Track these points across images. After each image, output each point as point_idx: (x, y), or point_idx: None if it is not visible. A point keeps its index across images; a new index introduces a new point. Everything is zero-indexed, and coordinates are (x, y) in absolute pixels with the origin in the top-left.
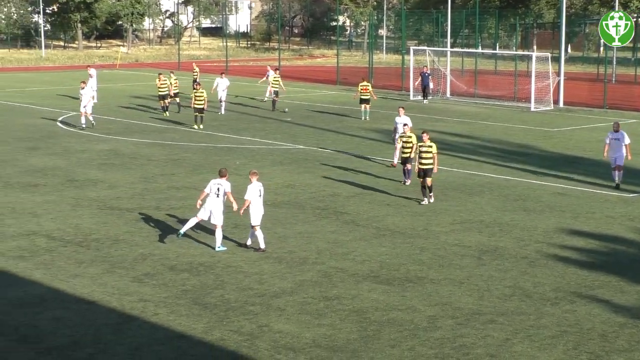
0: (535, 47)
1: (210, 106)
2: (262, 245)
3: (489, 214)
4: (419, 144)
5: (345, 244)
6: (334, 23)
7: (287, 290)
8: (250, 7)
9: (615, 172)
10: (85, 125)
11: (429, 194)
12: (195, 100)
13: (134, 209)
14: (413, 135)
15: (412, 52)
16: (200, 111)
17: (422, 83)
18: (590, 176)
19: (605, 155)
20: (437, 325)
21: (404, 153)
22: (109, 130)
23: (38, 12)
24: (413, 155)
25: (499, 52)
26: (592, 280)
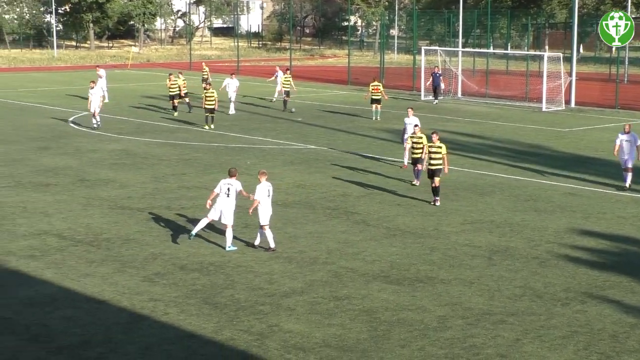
0: (547, 47)
1: (220, 106)
2: (272, 245)
3: (499, 214)
4: (428, 144)
5: (356, 243)
6: (345, 23)
7: (297, 290)
8: (262, 7)
9: (626, 173)
10: (95, 125)
11: (436, 195)
12: (206, 101)
13: (145, 209)
14: (423, 136)
15: (423, 52)
16: (211, 111)
17: (433, 83)
18: (602, 176)
19: (615, 153)
20: (447, 325)
21: (414, 154)
22: (120, 130)
23: (50, 12)
24: (424, 156)
25: (510, 52)
26: (603, 281)
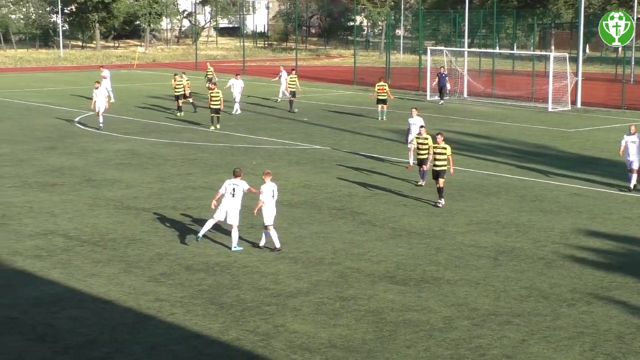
0: (553, 47)
1: (225, 106)
2: (277, 245)
3: (505, 214)
4: (433, 145)
5: (362, 244)
6: (351, 23)
7: (303, 291)
8: (268, 7)
9: (631, 175)
10: (102, 125)
11: (440, 196)
12: (212, 101)
13: (151, 209)
14: (429, 137)
15: (429, 52)
16: (217, 111)
17: (439, 83)
18: (608, 177)
19: (620, 154)
20: (453, 326)
21: (419, 154)
22: (126, 130)
23: (56, 12)
24: (429, 157)
25: (516, 52)
26: (609, 282)
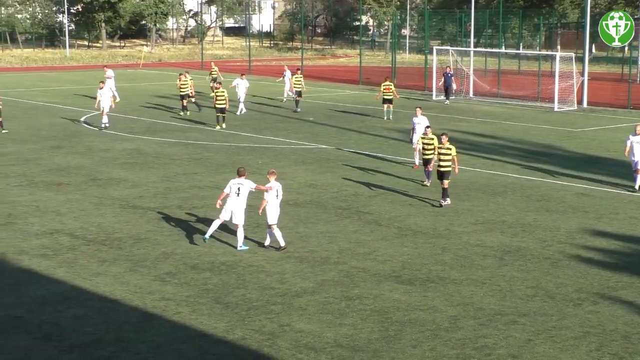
0: (559, 47)
1: (230, 105)
2: (282, 243)
3: (511, 214)
4: (438, 146)
5: (367, 243)
6: (357, 23)
7: (308, 290)
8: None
9: (637, 175)
10: (108, 124)
11: (444, 197)
12: (217, 100)
13: (157, 208)
14: (435, 137)
15: (435, 52)
16: (222, 111)
17: (444, 83)
18: (614, 177)
19: (626, 154)
20: (459, 325)
21: (425, 154)
22: (132, 129)
23: (63, 12)
24: (434, 157)
25: (522, 52)
26: (616, 282)
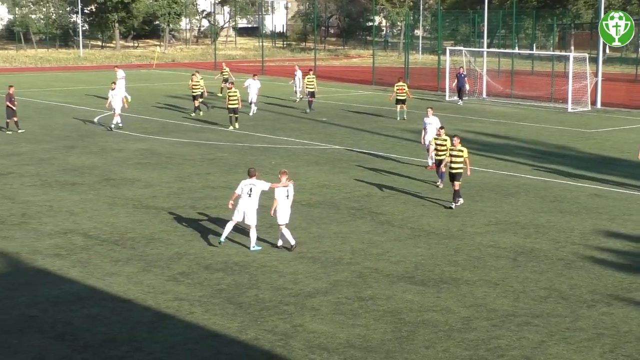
0: (572, 47)
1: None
2: (292, 242)
3: (524, 215)
4: (450, 147)
5: (380, 244)
6: (370, 23)
7: (321, 290)
8: (287, 7)
9: None
10: (121, 124)
11: (457, 198)
12: (229, 101)
13: (170, 208)
14: (448, 138)
15: (448, 52)
16: (234, 111)
17: (457, 84)
18: (628, 178)
19: (639, 157)
20: (472, 326)
21: (437, 155)
22: (145, 129)
23: (76, 12)
24: (446, 159)
25: (536, 52)
26: (630, 283)
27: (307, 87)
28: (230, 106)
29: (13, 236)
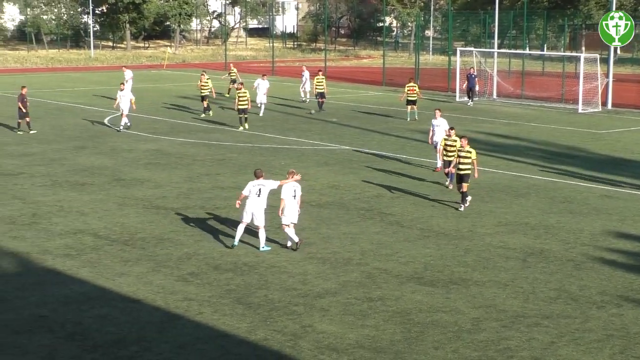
0: (583, 48)
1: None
2: (295, 239)
3: (534, 216)
4: (458, 148)
5: (390, 245)
6: (380, 24)
7: (330, 291)
8: (297, 8)
9: None
10: (129, 124)
11: (465, 199)
12: (239, 101)
13: (179, 209)
14: (458, 139)
15: (458, 53)
16: (244, 112)
17: (468, 84)
18: (638, 179)
19: None
20: (482, 327)
21: (446, 156)
22: (155, 129)
23: (87, 13)
24: (454, 161)
25: (546, 53)
26: None
27: (316, 88)
28: (239, 107)
29: (23, 236)
